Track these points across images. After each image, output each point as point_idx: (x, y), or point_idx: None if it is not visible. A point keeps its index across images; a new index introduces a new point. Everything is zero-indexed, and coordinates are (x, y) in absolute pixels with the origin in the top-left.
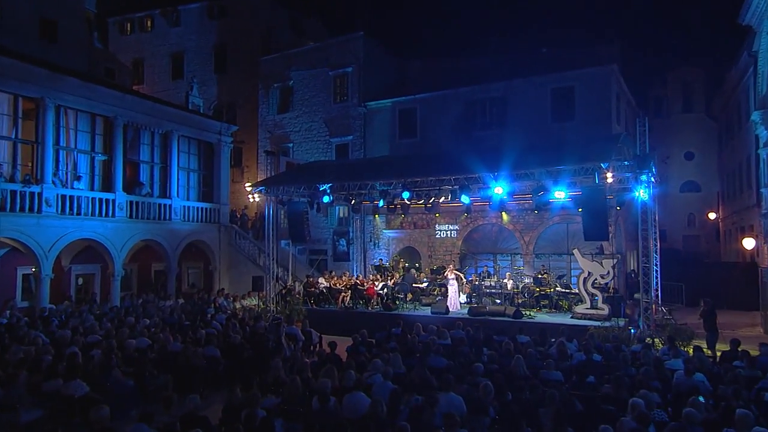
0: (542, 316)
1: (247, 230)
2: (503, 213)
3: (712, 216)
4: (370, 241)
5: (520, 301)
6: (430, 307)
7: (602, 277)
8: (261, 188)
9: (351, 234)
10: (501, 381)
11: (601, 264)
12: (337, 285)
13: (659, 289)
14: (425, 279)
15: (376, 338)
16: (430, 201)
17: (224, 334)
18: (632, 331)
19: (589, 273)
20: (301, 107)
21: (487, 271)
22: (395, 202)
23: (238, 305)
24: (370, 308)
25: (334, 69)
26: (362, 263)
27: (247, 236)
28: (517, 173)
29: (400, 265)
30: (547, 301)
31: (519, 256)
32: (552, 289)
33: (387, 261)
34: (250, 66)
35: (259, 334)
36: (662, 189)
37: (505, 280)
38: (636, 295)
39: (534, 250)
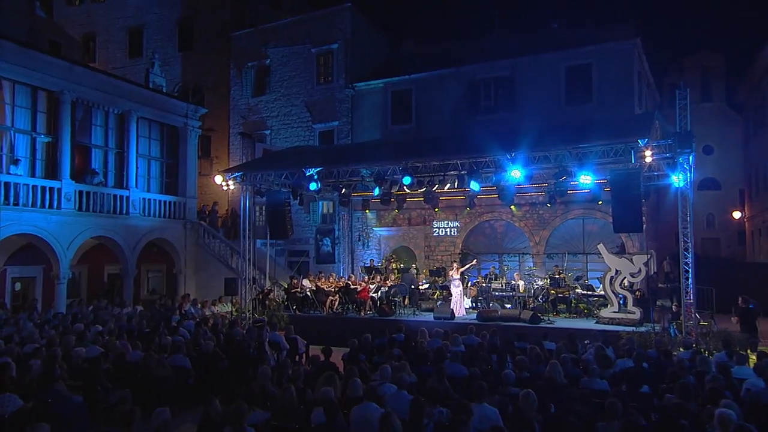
0: (562, 322)
1: (218, 228)
2: (512, 207)
3: (737, 215)
4: (359, 240)
5: (532, 304)
6: (431, 312)
7: (632, 275)
8: (236, 174)
9: (336, 232)
10: (540, 391)
11: (632, 261)
12: (325, 287)
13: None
14: (425, 280)
15: (376, 344)
16: (434, 188)
17: (194, 342)
18: (672, 334)
19: (616, 271)
20: (279, 89)
21: (493, 272)
22: (392, 192)
23: (207, 312)
24: (362, 313)
25: (318, 46)
26: (350, 265)
27: (217, 235)
28: (537, 154)
29: (393, 266)
30: (564, 305)
31: (528, 256)
32: (569, 292)
33: (379, 262)
34: (220, 43)
35: (236, 341)
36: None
37: (516, 282)
38: (660, 302)
39: (546, 249)
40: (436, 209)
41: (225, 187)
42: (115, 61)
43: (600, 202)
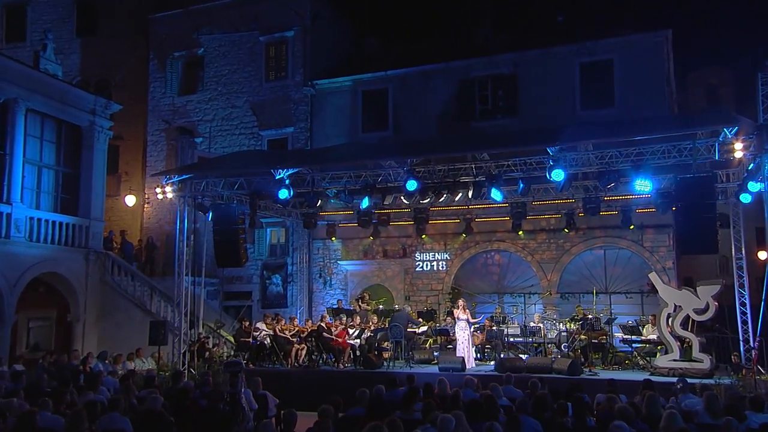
0: (606, 374)
1: (132, 260)
2: (520, 232)
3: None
4: (320, 277)
5: (554, 354)
6: (428, 364)
7: (697, 312)
8: (175, 179)
9: (290, 268)
10: None
11: (695, 293)
12: (288, 333)
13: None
14: (419, 320)
15: (385, 399)
16: (441, 198)
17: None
18: None
19: (675, 308)
20: (215, 86)
21: (501, 314)
22: (371, 212)
23: (120, 370)
24: (340, 365)
25: (268, 33)
26: (307, 309)
27: (131, 269)
28: (579, 155)
29: (369, 306)
30: (598, 354)
31: (537, 296)
32: (605, 337)
33: (347, 303)
34: (134, 26)
35: (185, 397)
36: None
37: (536, 325)
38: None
39: (558, 287)
40: (424, 236)
41: (161, 196)
42: None
43: (632, 227)
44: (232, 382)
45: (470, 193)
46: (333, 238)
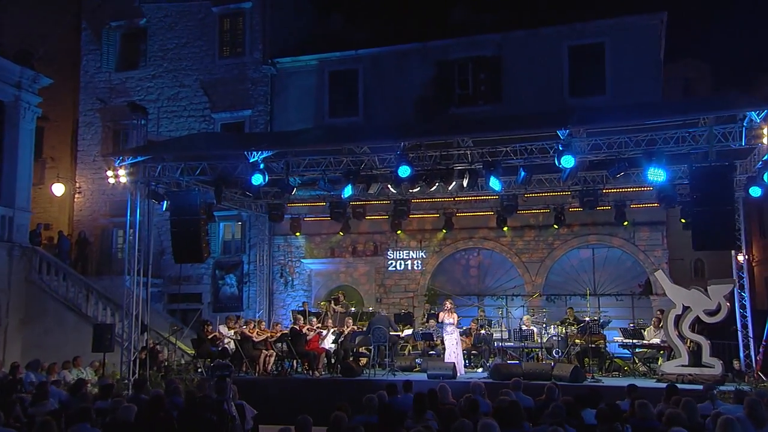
0: (610, 380)
1: (65, 258)
2: (505, 228)
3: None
4: (280, 277)
5: (546, 360)
6: (412, 372)
7: (708, 314)
8: (129, 160)
9: (246, 267)
10: None
11: (706, 293)
12: (255, 337)
13: None
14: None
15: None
16: (432, 188)
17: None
18: None
19: (684, 308)
20: (160, 62)
21: (485, 317)
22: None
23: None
24: (316, 373)
25: (222, 4)
26: (267, 312)
27: (64, 267)
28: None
29: (339, 308)
30: (594, 360)
31: (521, 298)
32: (603, 341)
33: (312, 305)
34: None
35: (158, 407)
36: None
37: (528, 328)
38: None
39: (543, 288)
40: (399, 231)
41: (113, 180)
42: None
43: (626, 223)
44: (219, 388)
45: (465, 182)
46: (297, 234)
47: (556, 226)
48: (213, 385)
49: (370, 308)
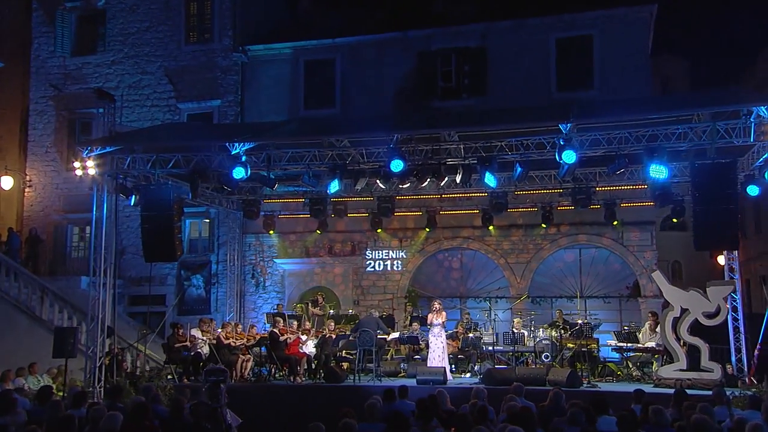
0: (605, 385)
1: (15, 256)
2: (491, 227)
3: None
4: (252, 277)
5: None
6: (397, 377)
7: (707, 316)
8: (98, 151)
9: (214, 267)
10: None
11: (705, 295)
12: (232, 341)
13: None
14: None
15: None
16: (424, 184)
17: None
18: None
19: (682, 311)
20: (120, 47)
21: (469, 320)
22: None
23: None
24: (296, 379)
25: None
26: (239, 314)
27: (14, 265)
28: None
29: (318, 309)
30: (584, 365)
31: (505, 300)
32: (596, 345)
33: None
34: None
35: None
36: None
37: (519, 332)
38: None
39: (529, 290)
40: (380, 230)
41: (80, 173)
42: None
43: (616, 223)
44: (212, 394)
45: (458, 178)
46: (271, 232)
47: (544, 225)
48: (206, 390)
49: (350, 310)
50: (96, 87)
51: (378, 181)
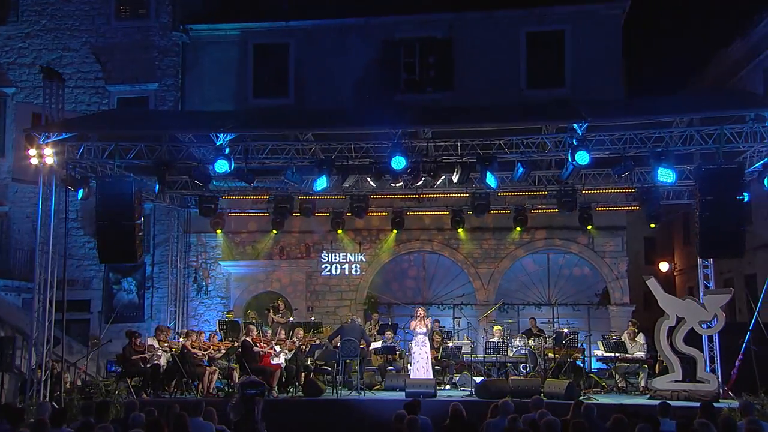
0: (604, 398)
1: None
2: (460, 230)
3: (664, 267)
4: (193, 282)
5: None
6: (381, 390)
7: (703, 325)
8: (54, 137)
9: (149, 269)
10: None
11: (702, 303)
12: (198, 350)
13: None
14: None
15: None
16: (419, 182)
17: None
18: None
19: (677, 320)
20: (37, 18)
21: (442, 328)
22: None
23: None
24: (274, 393)
25: None
26: (179, 322)
27: None
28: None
29: (279, 316)
30: (570, 376)
31: (471, 307)
32: (581, 355)
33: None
34: None
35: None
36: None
37: (499, 340)
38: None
39: (496, 296)
40: (340, 230)
41: (36, 162)
42: None
43: (590, 227)
44: (248, 410)
45: (456, 177)
46: (219, 231)
47: (519, 229)
48: (236, 405)
49: (312, 318)
50: (5, 62)
51: (369, 178)
